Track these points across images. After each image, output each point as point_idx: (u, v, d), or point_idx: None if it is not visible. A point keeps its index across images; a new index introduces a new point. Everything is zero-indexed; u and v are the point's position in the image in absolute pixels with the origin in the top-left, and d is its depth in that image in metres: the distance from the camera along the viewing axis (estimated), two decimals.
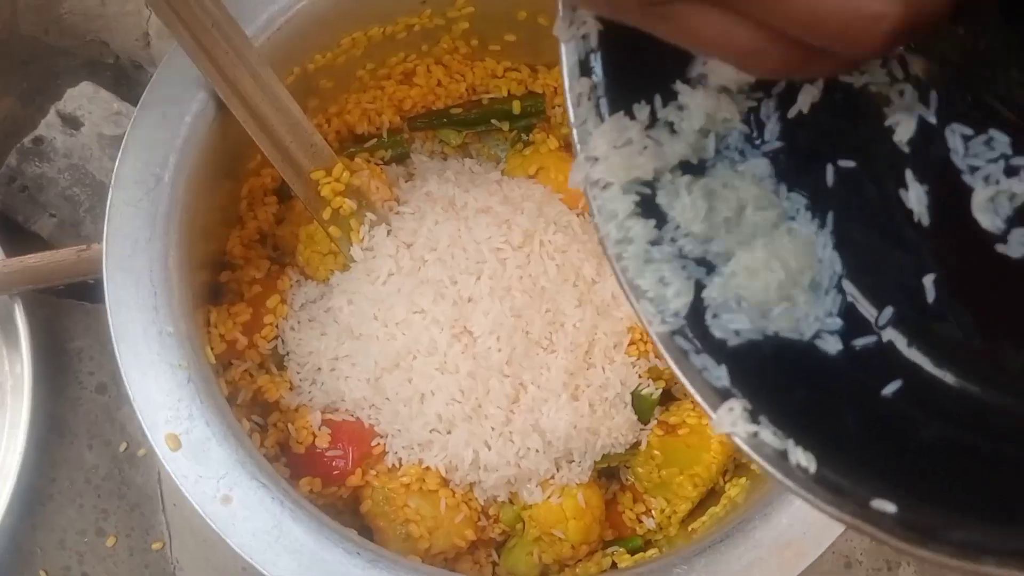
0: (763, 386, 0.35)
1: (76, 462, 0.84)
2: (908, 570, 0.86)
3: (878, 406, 0.35)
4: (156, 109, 0.64)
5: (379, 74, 0.78)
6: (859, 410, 0.35)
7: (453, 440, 0.67)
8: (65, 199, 0.90)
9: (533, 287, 0.69)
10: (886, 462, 0.33)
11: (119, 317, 0.60)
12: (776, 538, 0.59)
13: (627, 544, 0.71)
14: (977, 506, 0.30)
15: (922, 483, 0.31)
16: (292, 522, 0.58)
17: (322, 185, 0.69)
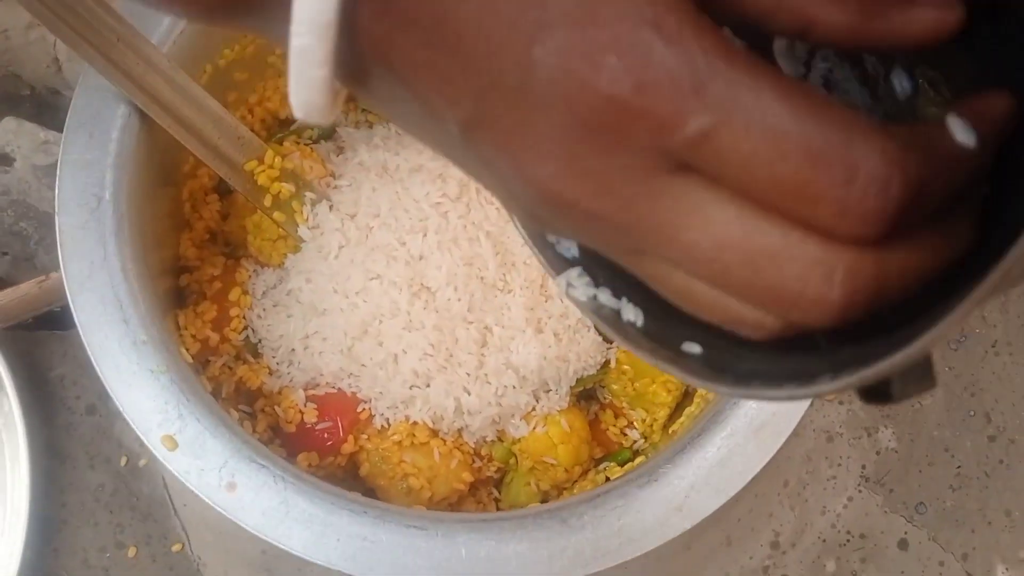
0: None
1: (82, 484, 0.86)
2: (887, 432, 0.90)
3: None
4: (82, 131, 0.65)
5: None
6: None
7: (433, 392, 0.70)
8: (13, 235, 0.91)
9: (478, 233, 0.72)
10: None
11: (93, 337, 0.62)
12: (749, 423, 0.63)
13: (616, 458, 0.75)
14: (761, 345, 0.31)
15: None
16: (297, 495, 0.61)
17: (257, 174, 0.71)
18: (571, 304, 0.71)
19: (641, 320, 0.34)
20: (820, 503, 0.89)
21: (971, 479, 0.90)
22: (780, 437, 0.64)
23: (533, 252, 0.37)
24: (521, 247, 0.72)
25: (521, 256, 0.72)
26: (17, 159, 0.92)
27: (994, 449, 0.91)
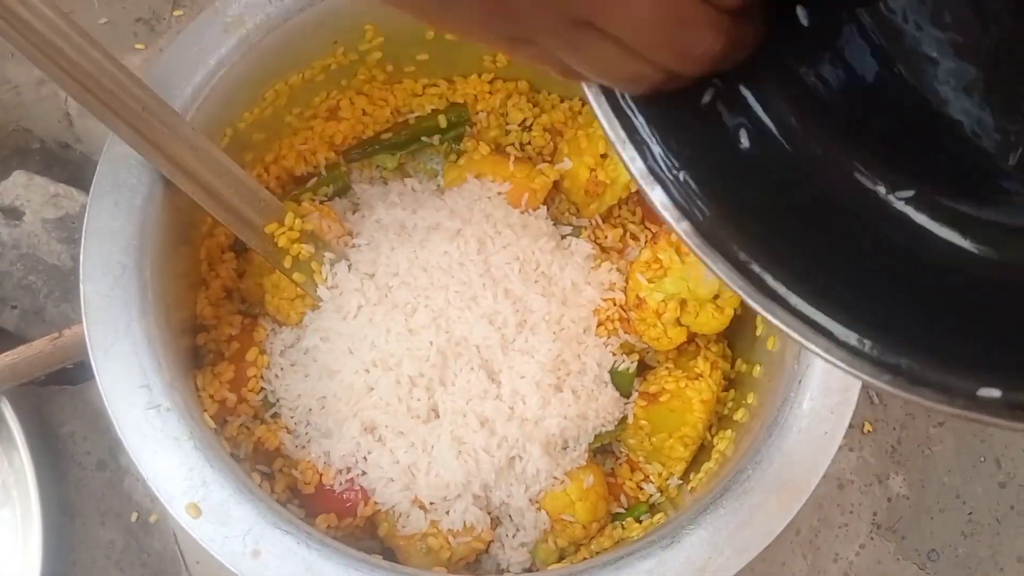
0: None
1: (93, 540, 0.86)
2: (898, 479, 0.91)
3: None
4: (107, 199, 0.65)
5: (306, 116, 0.80)
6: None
7: (445, 470, 0.71)
8: (23, 289, 0.91)
9: (497, 291, 0.72)
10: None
11: (116, 404, 0.62)
12: (771, 481, 0.63)
13: (633, 513, 0.75)
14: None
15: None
16: (322, 561, 0.60)
17: (278, 236, 0.71)
18: (590, 360, 0.72)
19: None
20: (832, 551, 0.89)
21: (983, 525, 0.90)
22: (802, 495, 0.64)
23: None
24: (542, 304, 0.73)
25: (540, 314, 0.73)
26: (27, 213, 0.92)
27: (1005, 495, 0.91)
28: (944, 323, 0.35)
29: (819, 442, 0.64)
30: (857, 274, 0.36)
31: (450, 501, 0.71)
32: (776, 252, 0.36)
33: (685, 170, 0.37)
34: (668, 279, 0.74)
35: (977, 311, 0.35)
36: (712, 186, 0.37)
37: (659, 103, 0.37)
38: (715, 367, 0.76)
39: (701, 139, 0.37)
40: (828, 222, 0.37)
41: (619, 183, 0.79)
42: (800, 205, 0.38)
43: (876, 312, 0.35)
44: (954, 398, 0.33)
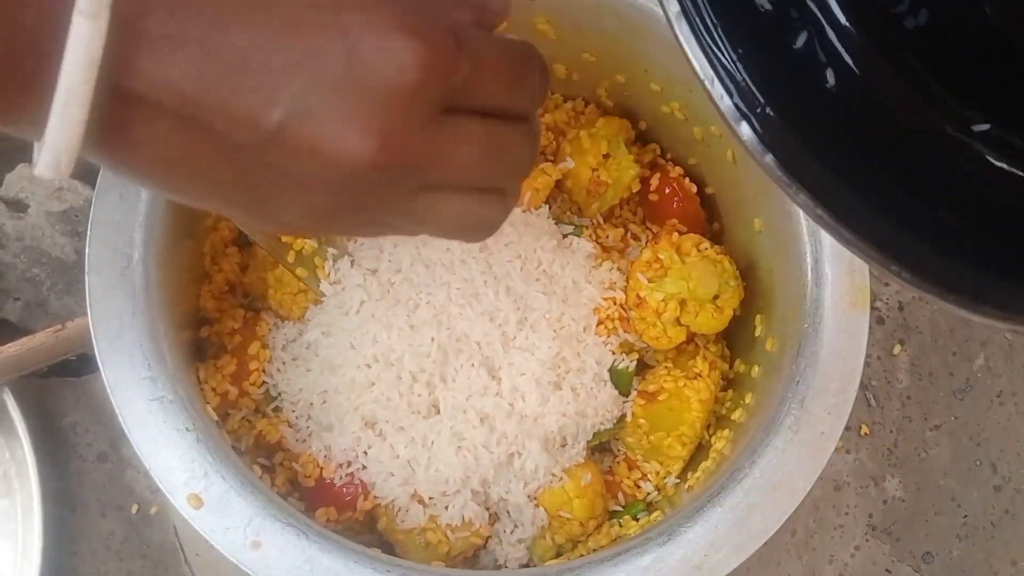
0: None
1: (93, 532, 0.86)
2: (894, 482, 0.92)
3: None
4: (113, 192, 0.66)
5: None
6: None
7: (445, 465, 0.71)
8: (26, 281, 0.91)
9: (499, 288, 0.73)
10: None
11: (120, 396, 0.62)
12: (767, 481, 0.64)
13: (630, 511, 0.75)
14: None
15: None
16: (321, 554, 0.61)
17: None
18: (589, 358, 0.73)
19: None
20: (828, 552, 0.90)
21: (977, 529, 0.91)
22: (798, 495, 0.65)
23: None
24: (543, 302, 0.73)
25: (540, 311, 0.73)
26: (31, 205, 0.93)
27: (1000, 499, 0.92)
28: (1004, 246, 0.37)
29: (816, 442, 0.65)
30: (932, 203, 0.38)
31: (449, 496, 0.71)
32: (856, 184, 0.38)
33: (771, 106, 0.38)
34: (668, 279, 0.74)
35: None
36: (796, 120, 0.38)
37: (751, 42, 0.38)
38: (714, 367, 0.76)
39: (788, 77, 0.39)
40: (905, 155, 0.38)
41: (621, 183, 0.80)
42: (884, 143, 0.39)
43: (945, 236, 0.37)
44: (1013, 315, 0.35)
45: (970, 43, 0.39)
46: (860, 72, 0.39)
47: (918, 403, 0.94)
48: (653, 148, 0.83)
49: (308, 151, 0.33)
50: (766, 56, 0.39)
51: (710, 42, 0.38)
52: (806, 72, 0.39)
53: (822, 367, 0.66)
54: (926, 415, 0.94)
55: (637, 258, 0.77)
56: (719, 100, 0.38)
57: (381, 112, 0.32)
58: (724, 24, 0.38)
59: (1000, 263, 0.36)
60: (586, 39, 0.77)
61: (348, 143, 0.33)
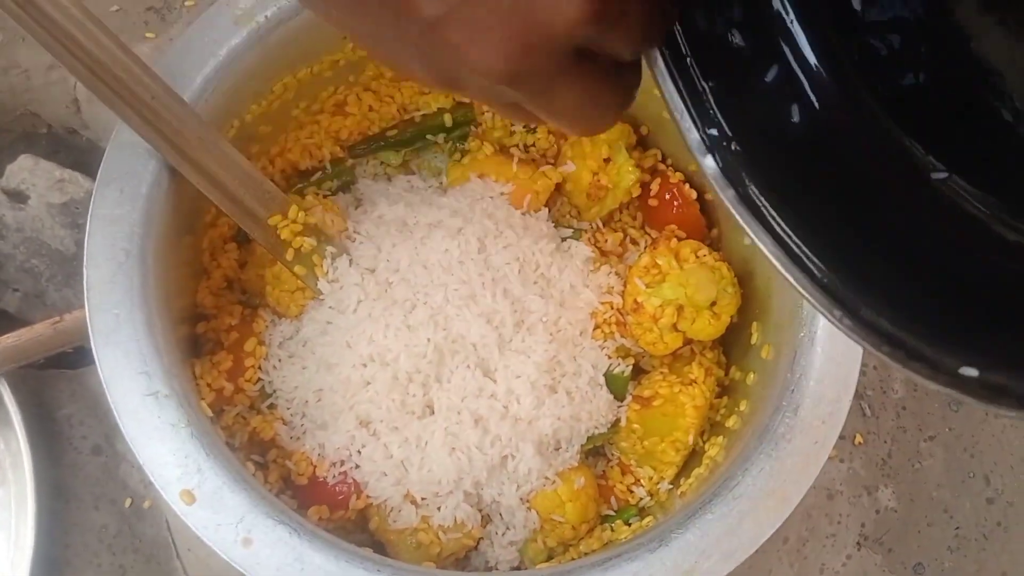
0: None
1: (86, 524, 0.86)
2: (887, 492, 0.92)
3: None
4: (113, 186, 0.66)
5: (313, 110, 0.80)
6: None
7: (438, 466, 0.71)
8: (25, 272, 0.91)
9: (496, 290, 0.73)
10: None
11: (115, 389, 0.62)
12: (760, 488, 0.64)
13: (622, 516, 0.75)
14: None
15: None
16: (312, 552, 0.61)
17: (280, 229, 0.72)
18: (585, 362, 0.73)
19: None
20: (819, 561, 0.90)
21: (969, 541, 0.91)
22: (790, 504, 0.65)
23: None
24: (540, 305, 0.74)
25: (537, 314, 0.73)
26: (32, 196, 0.93)
27: (992, 511, 0.92)
28: (948, 305, 0.38)
29: (809, 451, 0.65)
30: (882, 250, 0.39)
31: (442, 497, 0.71)
32: (810, 224, 0.38)
33: (737, 141, 0.39)
34: (666, 284, 0.74)
35: (984, 298, 0.38)
36: (761, 157, 0.39)
37: (723, 76, 0.39)
38: (709, 373, 0.76)
39: (757, 114, 0.40)
40: (863, 198, 0.39)
41: (621, 187, 0.80)
42: (841, 182, 0.40)
43: (892, 288, 0.38)
44: (938, 374, 0.36)
45: (937, 92, 0.39)
46: (823, 111, 0.40)
47: (913, 414, 0.94)
48: (654, 153, 0.83)
49: (451, 46, 0.36)
50: (737, 90, 0.39)
51: (682, 74, 0.39)
52: (773, 108, 0.40)
53: (817, 375, 0.66)
54: (920, 426, 0.94)
55: (635, 263, 0.77)
56: (687, 132, 0.39)
57: (522, 40, 0.35)
58: (698, 57, 0.39)
59: (942, 323, 0.37)
60: None
61: (487, 60, 0.35)
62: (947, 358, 0.36)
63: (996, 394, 0.35)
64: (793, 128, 0.40)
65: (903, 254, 0.39)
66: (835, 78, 0.40)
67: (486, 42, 0.35)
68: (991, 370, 0.35)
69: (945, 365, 0.36)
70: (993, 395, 0.35)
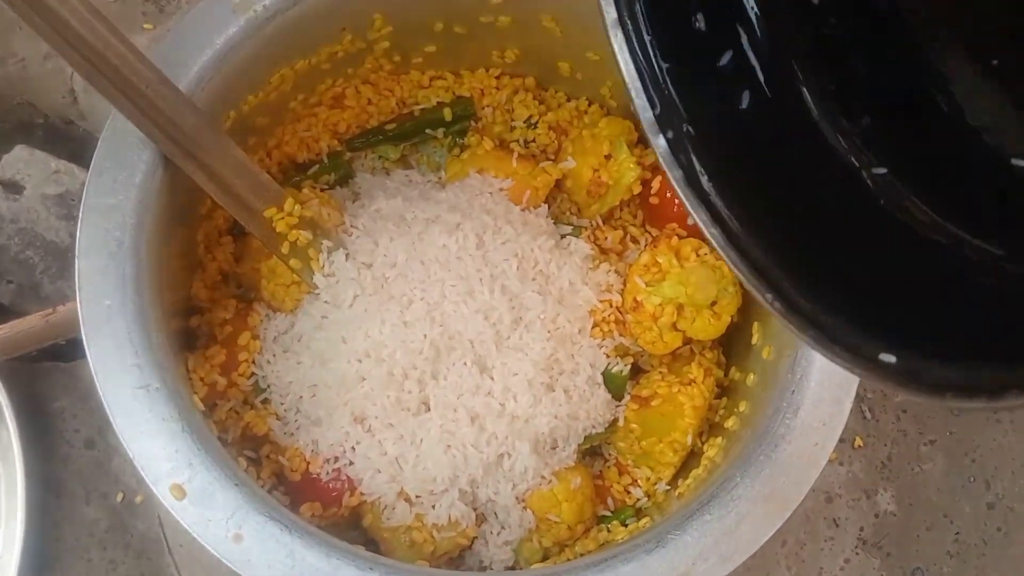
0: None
1: (77, 519, 0.86)
2: (886, 495, 0.91)
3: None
4: (107, 176, 0.65)
5: (310, 102, 0.80)
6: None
7: (432, 464, 0.70)
8: (19, 264, 0.91)
9: (495, 286, 0.72)
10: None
11: (106, 382, 0.62)
12: (759, 491, 0.63)
13: (619, 516, 0.74)
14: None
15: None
16: (304, 549, 0.60)
17: (276, 221, 0.71)
18: (583, 360, 0.72)
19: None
20: (817, 564, 0.89)
21: (969, 546, 0.90)
22: (789, 506, 0.64)
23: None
24: (538, 302, 0.73)
25: (535, 311, 0.73)
26: (27, 188, 0.92)
27: (993, 517, 0.91)
28: (871, 296, 0.39)
29: (809, 453, 0.64)
30: (818, 239, 0.40)
31: (436, 495, 0.70)
32: (752, 209, 0.40)
33: (691, 124, 0.40)
34: (666, 283, 0.74)
35: (909, 287, 0.40)
36: (712, 139, 0.40)
37: (680, 58, 0.40)
38: (708, 374, 0.76)
39: (712, 96, 0.41)
40: (801, 189, 0.41)
41: (621, 185, 0.79)
42: (783, 172, 0.41)
43: (821, 277, 0.39)
44: (858, 359, 0.37)
45: (879, 83, 0.40)
46: (771, 99, 0.41)
47: (913, 417, 0.93)
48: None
49: None
50: (694, 73, 0.40)
51: (643, 54, 0.39)
52: (725, 93, 0.41)
53: (818, 377, 0.66)
54: (921, 429, 0.93)
55: (635, 261, 0.76)
56: (642, 111, 0.40)
57: None
58: (659, 38, 0.39)
59: (865, 312, 0.38)
60: (591, 38, 0.76)
61: None
62: (868, 345, 0.37)
63: (911, 379, 0.36)
64: (742, 115, 0.41)
65: (836, 246, 0.40)
66: (784, 68, 0.41)
67: None
68: (908, 357, 0.36)
69: (865, 351, 0.37)
70: (909, 380, 0.36)
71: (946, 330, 0.37)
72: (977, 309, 0.38)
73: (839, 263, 0.40)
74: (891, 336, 0.37)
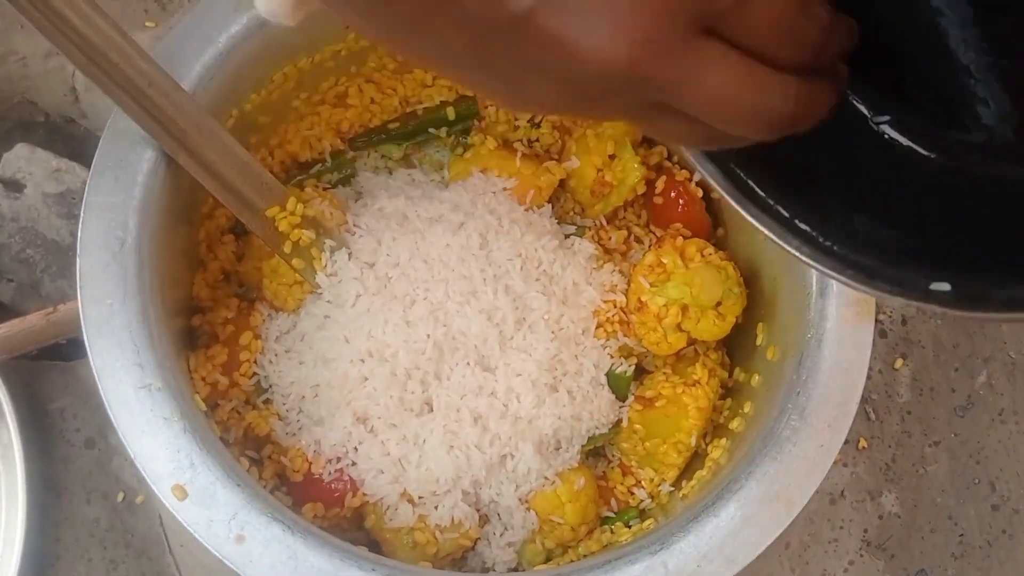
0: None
1: (78, 518, 0.85)
2: (890, 497, 0.90)
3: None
4: (108, 174, 0.65)
5: (313, 101, 0.79)
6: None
7: (435, 464, 0.70)
8: (20, 262, 0.90)
9: (498, 287, 0.72)
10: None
11: (107, 381, 0.61)
12: (764, 493, 0.62)
13: (623, 518, 0.74)
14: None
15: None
16: (306, 550, 0.60)
17: (279, 221, 0.71)
18: (587, 361, 0.72)
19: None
20: (821, 566, 0.89)
21: (973, 548, 0.90)
22: (794, 508, 0.63)
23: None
24: (542, 302, 0.72)
25: (539, 312, 0.72)
26: (28, 186, 0.92)
27: (997, 518, 0.91)
28: (903, 225, 0.39)
29: (814, 455, 0.64)
30: (831, 182, 0.40)
31: (439, 496, 0.70)
32: (763, 161, 0.39)
33: None
34: (671, 284, 0.73)
35: (933, 215, 0.39)
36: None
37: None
38: (713, 375, 0.75)
39: None
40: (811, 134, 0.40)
41: (626, 185, 0.79)
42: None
43: (842, 216, 0.39)
44: (908, 291, 0.37)
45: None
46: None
47: (918, 418, 0.93)
48: (660, 150, 0.82)
49: (552, 44, 0.31)
50: None
51: None
52: None
53: (823, 378, 0.65)
54: (926, 431, 0.92)
55: (639, 261, 0.76)
56: None
57: (638, 16, 0.30)
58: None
59: (898, 248, 0.38)
60: None
61: (596, 43, 0.30)
62: (913, 274, 0.37)
63: (978, 302, 0.35)
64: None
65: (852, 189, 0.40)
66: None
67: (597, 26, 0.30)
68: (964, 281, 0.36)
69: (912, 281, 0.37)
70: (975, 304, 0.36)
71: (1004, 250, 0.37)
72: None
73: (856, 206, 0.39)
74: (941, 264, 0.37)
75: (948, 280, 0.36)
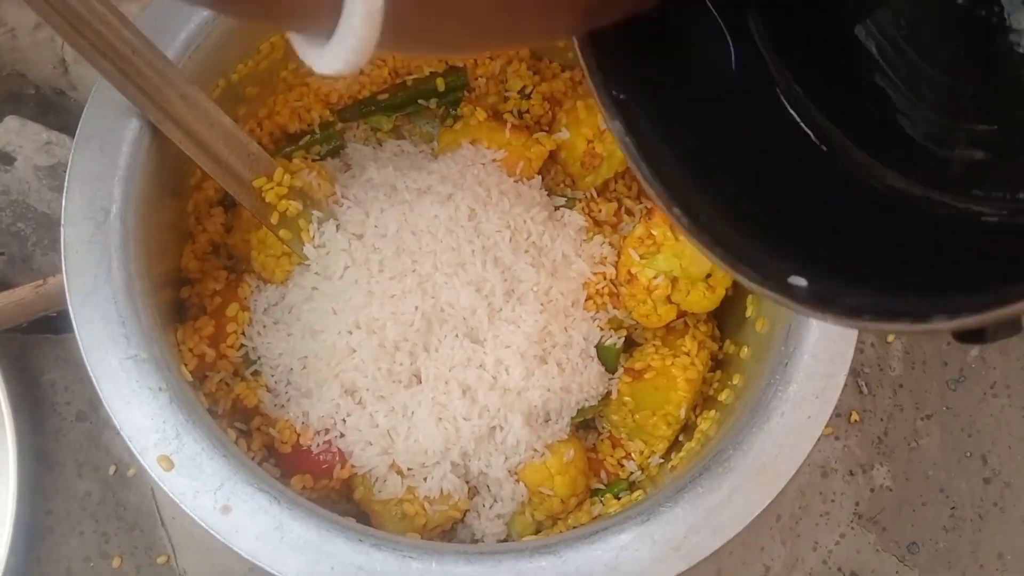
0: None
1: (69, 491, 0.85)
2: (882, 470, 0.90)
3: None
4: (93, 143, 0.64)
5: (302, 72, 0.79)
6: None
7: (424, 435, 0.70)
8: (11, 236, 0.90)
9: (487, 258, 0.71)
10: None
11: (93, 352, 0.61)
12: (751, 463, 0.62)
13: (612, 489, 0.74)
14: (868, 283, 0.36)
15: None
16: (292, 520, 0.60)
17: (265, 191, 0.70)
18: (577, 333, 0.71)
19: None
20: (812, 539, 0.89)
21: (965, 520, 0.90)
22: (782, 479, 0.63)
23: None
24: (532, 274, 0.72)
25: (528, 283, 0.72)
26: (18, 159, 0.91)
27: (989, 491, 0.90)
28: (784, 216, 0.40)
29: (802, 426, 0.64)
30: (729, 162, 0.41)
31: (428, 468, 0.70)
32: (668, 123, 0.40)
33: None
34: (661, 256, 0.73)
35: (812, 209, 0.40)
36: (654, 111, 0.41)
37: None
38: (702, 347, 0.75)
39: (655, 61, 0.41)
40: (722, 112, 0.41)
41: (616, 156, 0.78)
42: (702, 89, 0.42)
43: (731, 198, 0.40)
44: (768, 280, 0.37)
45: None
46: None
47: (910, 392, 0.92)
48: None
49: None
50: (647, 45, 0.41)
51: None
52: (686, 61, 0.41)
53: (812, 350, 0.65)
54: (918, 404, 0.92)
55: (630, 233, 0.76)
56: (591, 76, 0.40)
57: None
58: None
59: (777, 237, 0.39)
60: None
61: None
62: (778, 265, 0.37)
63: (824, 304, 0.36)
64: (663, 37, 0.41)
65: (748, 172, 0.41)
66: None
67: None
68: (820, 281, 0.36)
69: (775, 271, 0.37)
70: (821, 305, 0.36)
71: (870, 261, 0.38)
72: (905, 242, 0.38)
73: (749, 191, 0.40)
74: (807, 262, 0.37)
75: (808, 278, 0.36)
